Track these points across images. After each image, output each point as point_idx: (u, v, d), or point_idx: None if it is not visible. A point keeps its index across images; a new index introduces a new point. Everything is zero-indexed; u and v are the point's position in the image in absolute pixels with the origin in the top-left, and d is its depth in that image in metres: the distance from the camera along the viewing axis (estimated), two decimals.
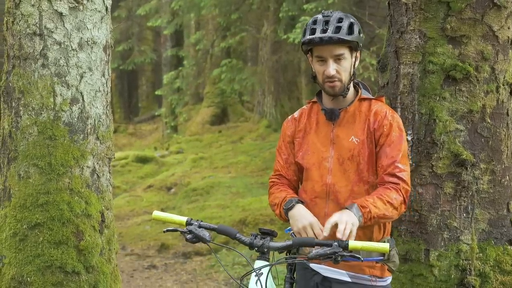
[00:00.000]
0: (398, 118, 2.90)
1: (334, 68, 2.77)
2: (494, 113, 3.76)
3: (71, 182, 3.54)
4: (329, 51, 2.76)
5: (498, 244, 3.76)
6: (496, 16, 3.73)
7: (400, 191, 2.75)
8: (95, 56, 3.69)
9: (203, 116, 19.35)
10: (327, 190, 2.86)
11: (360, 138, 2.84)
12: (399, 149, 2.80)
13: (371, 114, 2.86)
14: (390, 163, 2.78)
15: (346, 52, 2.78)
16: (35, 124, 3.50)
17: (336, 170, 2.85)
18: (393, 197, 2.72)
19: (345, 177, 2.84)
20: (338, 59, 2.78)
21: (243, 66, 17.04)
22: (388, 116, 2.85)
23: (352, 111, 2.89)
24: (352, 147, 2.84)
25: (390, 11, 4.00)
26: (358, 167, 2.83)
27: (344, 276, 2.84)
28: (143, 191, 12.23)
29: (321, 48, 2.77)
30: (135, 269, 7.76)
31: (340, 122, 2.88)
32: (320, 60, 2.80)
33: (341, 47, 2.76)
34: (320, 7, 11.52)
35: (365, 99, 2.93)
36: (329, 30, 2.72)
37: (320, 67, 2.82)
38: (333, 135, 2.89)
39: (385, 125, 2.82)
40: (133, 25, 20.30)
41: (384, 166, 2.79)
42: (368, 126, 2.85)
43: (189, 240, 2.69)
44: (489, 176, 3.75)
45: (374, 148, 2.83)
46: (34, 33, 3.51)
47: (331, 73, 2.77)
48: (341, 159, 2.85)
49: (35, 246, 3.45)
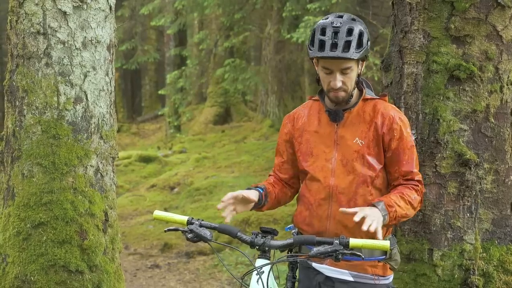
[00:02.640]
0: (406, 119, 2.89)
1: (341, 80, 2.74)
2: (498, 113, 3.76)
3: (74, 181, 3.54)
4: (337, 65, 2.72)
5: (501, 244, 3.76)
6: (500, 16, 3.72)
7: (419, 192, 2.80)
8: (99, 55, 3.68)
9: (206, 115, 19.36)
10: (330, 192, 2.84)
11: (364, 140, 2.82)
12: (413, 153, 2.84)
13: (378, 116, 2.83)
14: (407, 169, 2.81)
15: (353, 64, 2.74)
16: (39, 123, 3.50)
17: (339, 171, 2.84)
18: (413, 197, 2.76)
19: (348, 178, 2.82)
20: (345, 72, 2.74)
21: (246, 66, 17.02)
22: (396, 120, 2.82)
23: (356, 112, 2.87)
24: (356, 149, 2.82)
25: (394, 11, 3.99)
26: (361, 169, 2.81)
27: (346, 276, 2.83)
28: (146, 191, 12.24)
29: (330, 62, 2.72)
30: (138, 268, 7.77)
31: (343, 123, 2.86)
32: (326, 71, 2.76)
33: (349, 61, 2.72)
34: (323, 6, 11.51)
35: (369, 99, 2.90)
36: (339, 47, 2.65)
37: (326, 77, 2.78)
38: (337, 136, 2.86)
39: (395, 129, 2.81)
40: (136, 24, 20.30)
41: (403, 173, 2.81)
42: (376, 129, 2.82)
43: (190, 239, 2.69)
44: (493, 176, 3.74)
45: (382, 151, 2.82)
46: (38, 32, 3.51)
47: (338, 86, 2.74)
48: (344, 161, 2.83)
49: (38, 245, 3.45)
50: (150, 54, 21.10)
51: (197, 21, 19.63)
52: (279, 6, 15.03)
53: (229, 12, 15.90)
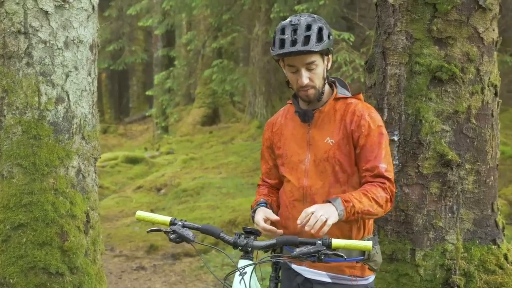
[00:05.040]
0: (376, 115, 2.84)
1: (307, 77, 2.74)
2: (479, 114, 3.78)
3: (55, 182, 3.51)
4: (300, 60, 2.72)
5: (482, 243, 3.78)
6: (481, 18, 3.75)
7: (386, 190, 2.72)
8: (81, 55, 3.66)
9: (194, 116, 19.32)
10: (304, 193, 2.84)
11: (335, 139, 2.81)
12: (381, 149, 2.77)
13: (348, 114, 2.82)
14: (374, 165, 2.75)
15: (317, 59, 2.74)
16: (19, 123, 3.47)
17: (312, 172, 2.83)
18: (379, 194, 2.69)
19: (321, 178, 2.81)
20: (310, 67, 2.74)
21: (234, 67, 17.01)
22: (365, 116, 2.79)
23: (327, 111, 2.85)
24: (327, 148, 2.80)
25: (378, 12, 4.00)
26: (333, 169, 2.80)
27: (324, 277, 2.82)
28: (133, 192, 12.19)
29: (292, 58, 2.73)
30: (124, 270, 7.72)
31: (315, 123, 2.85)
32: (292, 69, 2.77)
33: (312, 55, 2.71)
34: (311, 8, 11.55)
35: (341, 98, 2.89)
36: (298, 42, 2.67)
37: (293, 76, 2.79)
38: (309, 137, 2.86)
39: (363, 125, 2.77)
40: (123, 25, 20.25)
41: (369, 169, 2.76)
42: (345, 127, 2.80)
43: (173, 240, 2.67)
44: (474, 177, 3.77)
45: (353, 149, 2.79)
46: (18, 32, 3.49)
47: (305, 83, 2.74)
48: (317, 161, 2.82)
49: (18, 247, 3.41)
50: (138, 54, 21.06)
51: (185, 21, 19.59)
52: (267, 7, 15.04)
53: (217, 13, 15.90)
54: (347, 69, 11.30)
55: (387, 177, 2.74)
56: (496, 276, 3.69)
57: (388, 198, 2.73)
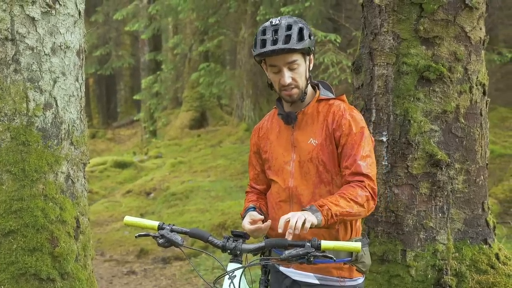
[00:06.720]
0: (358, 115, 2.85)
1: (290, 76, 2.76)
2: (467, 113, 3.80)
3: (45, 188, 3.49)
4: (282, 60, 2.74)
5: (473, 243, 3.79)
6: (468, 17, 3.77)
7: (366, 188, 2.69)
8: (69, 60, 3.64)
9: (182, 120, 19.29)
10: (290, 194, 2.85)
11: (318, 140, 2.82)
12: (361, 147, 2.76)
13: (330, 114, 2.83)
14: (352, 162, 2.74)
15: (299, 58, 2.76)
16: (8, 130, 3.45)
17: (297, 173, 2.84)
18: (358, 194, 2.66)
19: (306, 179, 2.83)
20: (292, 67, 2.76)
21: (221, 70, 17.03)
22: (346, 115, 2.80)
23: (310, 113, 2.87)
24: (311, 149, 2.82)
25: (364, 13, 4.02)
26: (317, 169, 2.81)
27: (312, 279, 2.82)
28: (122, 197, 12.15)
29: (274, 58, 2.75)
30: (114, 275, 7.70)
31: (299, 125, 2.87)
32: (274, 69, 2.79)
33: (293, 54, 2.74)
34: (297, 10, 11.57)
35: (323, 99, 2.90)
36: (279, 41, 2.70)
37: (275, 76, 2.80)
38: (293, 139, 2.88)
39: (344, 124, 2.78)
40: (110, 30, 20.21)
41: (348, 166, 2.75)
42: (327, 127, 2.82)
43: (161, 245, 2.67)
44: (464, 176, 3.78)
45: (335, 149, 2.80)
46: (6, 38, 3.46)
47: (287, 82, 2.76)
48: (301, 162, 2.84)
49: (8, 253, 3.39)
50: (125, 59, 21.03)
51: (171, 25, 19.59)
52: (253, 10, 15.07)
53: (203, 17, 15.91)
54: (334, 70, 11.34)
55: (366, 174, 2.72)
56: (488, 276, 3.70)
57: (369, 196, 2.70)
